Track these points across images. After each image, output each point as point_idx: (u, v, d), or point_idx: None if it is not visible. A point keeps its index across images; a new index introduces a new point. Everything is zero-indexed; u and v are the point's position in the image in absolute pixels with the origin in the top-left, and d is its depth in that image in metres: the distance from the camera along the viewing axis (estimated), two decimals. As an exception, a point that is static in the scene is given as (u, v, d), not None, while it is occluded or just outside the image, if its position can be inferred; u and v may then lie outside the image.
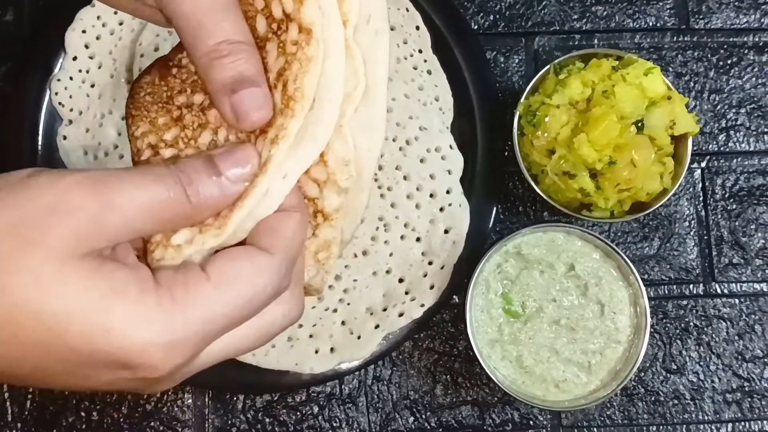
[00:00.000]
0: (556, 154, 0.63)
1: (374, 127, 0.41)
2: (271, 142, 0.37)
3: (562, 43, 0.74)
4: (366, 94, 0.40)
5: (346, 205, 0.41)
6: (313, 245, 0.41)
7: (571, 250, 0.65)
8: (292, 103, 0.37)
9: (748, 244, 0.71)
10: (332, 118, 0.39)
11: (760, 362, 0.70)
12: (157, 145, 0.40)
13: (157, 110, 0.41)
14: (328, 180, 0.40)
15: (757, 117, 0.74)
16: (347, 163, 0.40)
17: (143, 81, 0.43)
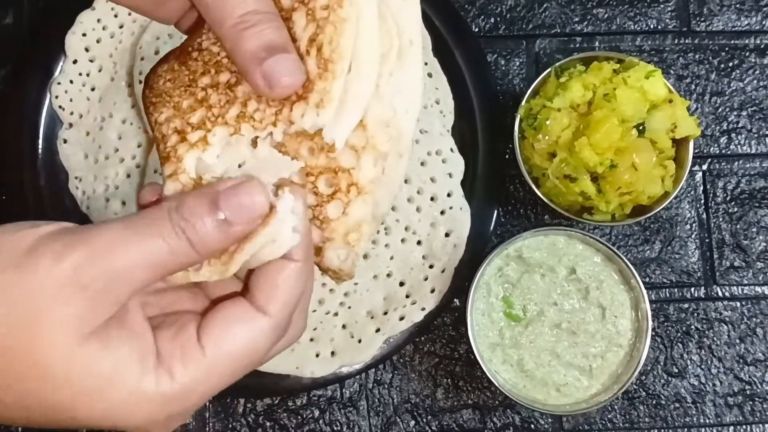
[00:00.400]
0: (557, 158, 0.63)
1: (411, 88, 0.40)
2: (316, 107, 0.37)
3: (563, 46, 0.74)
4: (400, 55, 0.40)
5: (384, 174, 0.40)
6: (343, 226, 0.39)
7: (572, 253, 0.65)
8: (330, 65, 0.37)
9: (749, 247, 0.71)
10: (372, 77, 0.38)
11: (762, 365, 0.70)
12: (183, 129, 0.40)
13: (180, 94, 0.41)
14: (367, 145, 0.39)
15: (759, 119, 0.73)
16: (388, 124, 0.39)
17: (161, 69, 0.43)
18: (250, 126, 0.39)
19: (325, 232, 0.39)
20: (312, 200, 0.39)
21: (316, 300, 0.66)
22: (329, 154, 0.38)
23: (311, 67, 0.38)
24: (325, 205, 0.39)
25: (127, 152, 0.67)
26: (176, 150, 0.40)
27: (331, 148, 0.38)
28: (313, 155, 0.39)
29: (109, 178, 0.67)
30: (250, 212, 0.37)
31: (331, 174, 0.39)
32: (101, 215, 0.67)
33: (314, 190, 0.39)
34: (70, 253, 0.34)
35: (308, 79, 0.38)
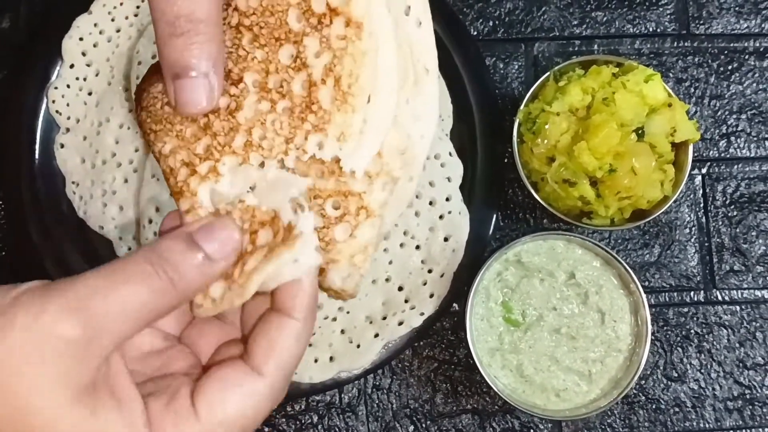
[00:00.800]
0: (556, 162, 0.63)
1: (427, 114, 0.41)
2: (337, 140, 0.37)
3: (562, 49, 0.74)
4: (416, 82, 0.40)
5: (394, 194, 0.40)
6: (349, 248, 0.39)
7: (571, 258, 0.65)
8: (350, 98, 0.37)
9: (749, 251, 0.71)
10: (391, 108, 0.38)
11: (762, 369, 0.70)
12: (191, 161, 0.39)
13: (181, 121, 0.40)
14: (381, 171, 0.39)
15: (758, 123, 0.73)
16: (403, 152, 0.39)
17: (155, 90, 0.41)
18: (258, 155, 0.38)
19: (330, 254, 0.38)
20: (318, 222, 0.38)
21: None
22: (339, 178, 0.38)
23: (325, 97, 0.38)
24: (332, 227, 0.39)
25: (124, 157, 0.67)
26: (188, 184, 0.39)
27: (341, 173, 0.38)
28: (323, 177, 0.39)
29: (106, 183, 0.66)
30: (229, 247, 0.37)
31: (340, 197, 0.38)
32: (98, 220, 0.67)
33: (321, 212, 0.39)
34: (47, 308, 0.33)
35: (323, 108, 0.38)
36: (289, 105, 0.38)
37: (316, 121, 0.38)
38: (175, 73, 0.37)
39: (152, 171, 0.65)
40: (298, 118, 0.38)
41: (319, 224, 0.38)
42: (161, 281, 0.35)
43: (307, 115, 0.38)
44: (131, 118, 0.67)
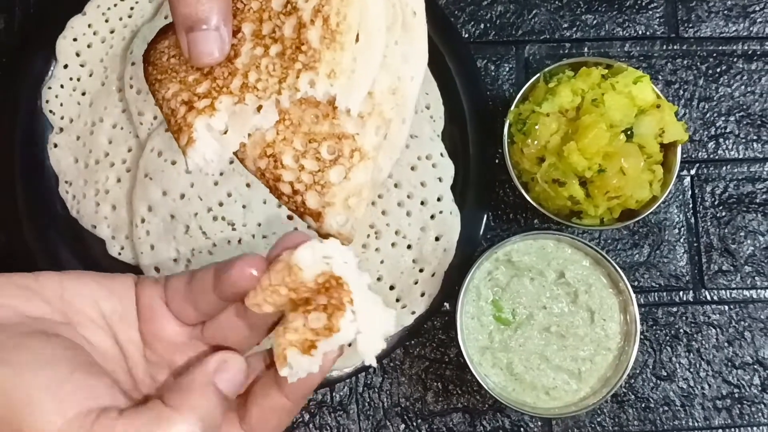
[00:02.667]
0: (545, 162, 0.63)
1: (417, 56, 0.42)
2: (328, 77, 0.39)
3: (553, 52, 0.74)
4: (405, 25, 0.41)
5: (387, 138, 0.41)
6: (344, 191, 0.40)
7: (561, 257, 0.65)
8: (338, 36, 0.39)
9: (737, 251, 0.72)
10: (380, 47, 0.40)
11: (750, 369, 0.70)
12: (190, 100, 0.41)
13: (186, 69, 0.42)
14: (373, 112, 0.40)
15: (746, 125, 0.74)
16: (394, 92, 0.41)
17: (162, 46, 0.43)
18: (253, 96, 0.40)
19: (325, 197, 0.40)
20: (314, 166, 0.40)
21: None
22: (334, 121, 0.40)
23: (314, 37, 0.39)
24: (327, 170, 0.40)
25: (117, 156, 0.67)
26: (186, 119, 0.41)
27: (335, 115, 0.40)
28: (317, 122, 0.40)
29: (99, 183, 0.67)
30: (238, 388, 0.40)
31: (334, 140, 0.40)
32: (91, 219, 0.67)
33: (316, 156, 0.40)
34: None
35: (312, 48, 0.39)
36: (281, 49, 0.40)
37: (307, 60, 0.39)
38: (189, 27, 0.39)
39: (145, 171, 0.66)
40: (290, 58, 0.40)
41: (314, 168, 0.40)
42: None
43: (297, 56, 0.40)
44: (125, 118, 0.68)
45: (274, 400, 0.40)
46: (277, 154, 0.41)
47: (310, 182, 0.40)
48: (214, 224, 0.66)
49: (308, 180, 0.40)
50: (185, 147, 0.41)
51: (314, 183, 0.40)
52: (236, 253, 0.65)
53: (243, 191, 0.66)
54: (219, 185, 0.66)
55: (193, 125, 0.41)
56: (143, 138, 0.67)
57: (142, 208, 0.66)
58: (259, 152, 0.41)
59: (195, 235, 0.65)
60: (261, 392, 0.41)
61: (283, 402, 0.40)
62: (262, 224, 0.66)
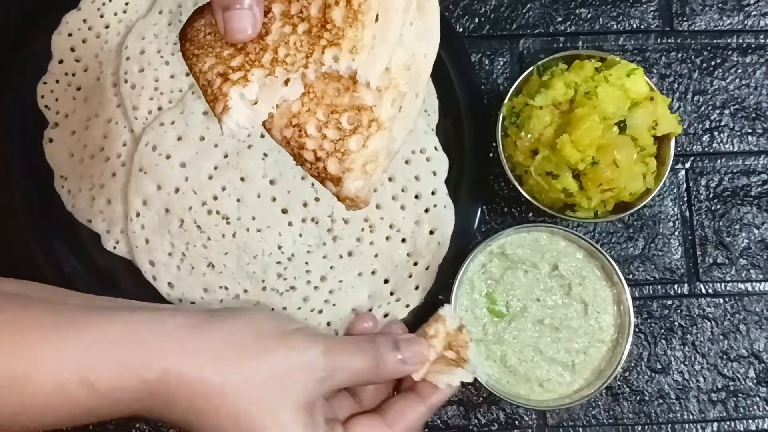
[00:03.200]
0: (539, 155, 0.64)
1: (429, 35, 0.46)
2: (350, 52, 0.43)
3: (547, 46, 0.75)
4: (419, 7, 0.46)
5: (402, 110, 0.46)
6: (362, 157, 0.44)
7: (555, 250, 0.65)
8: (360, 15, 0.43)
9: (732, 244, 0.72)
10: (397, 26, 0.44)
11: (745, 361, 0.70)
12: (225, 72, 0.45)
13: (221, 46, 0.46)
14: (390, 86, 0.44)
15: (741, 118, 0.74)
16: (408, 67, 0.45)
17: (198, 24, 0.48)
18: (283, 69, 0.44)
19: (345, 163, 0.44)
20: (335, 135, 0.45)
21: (302, 297, 0.67)
22: (354, 94, 0.44)
23: (338, 16, 0.44)
24: (347, 139, 0.44)
25: (112, 151, 0.67)
26: (221, 89, 0.45)
27: (355, 88, 0.44)
28: (339, 95, 0.45)
29: (94, 177, 0.67)
30: (418, 359, 0.55)
31: (354, 111, 0.44)
32: (86, 213, 0.67)
33: (338, 126, 0.45)
34: (314, 345, 0.50)
35: (336, 26, 0.44)
36: (308, 27, 0.45)
37: (331, 37, 0.44)
38: (225, 6, 0.44)
39: (139, 165, 0.66)
40: (316, 36, 0.44)
41: (336, 137, 0.44)
42: (372, 361, 0.52)
43: (323, 33, 0.44)
44: (120, 113, 0.68)
45: (417, 407, 0.54)
46: (301, 124, 0.45)
47: (331, 150, 0.45)
48: (209, 218, 0.66)
49: (330, 148, 0.45)
50: (221, 114, 0.45)
51: (335, 150, 0.44)
52: (231, 247, 0.66)
53: (237, 185, 0.66)
54: (213, 179, 0.66)
55: (228, 94, 0.45)
56: (138, 132, 0.67)
57: (136, 202, 0.66)
58: (286, 122, 0.45)
59: (189, 229, 0.66)
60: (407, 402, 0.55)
61: (423, 409, 0.55)
62: (256, 218, 0.66)
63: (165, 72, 0.68)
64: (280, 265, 0.66)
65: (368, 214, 0.67)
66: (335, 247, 0.67)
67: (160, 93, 0.67)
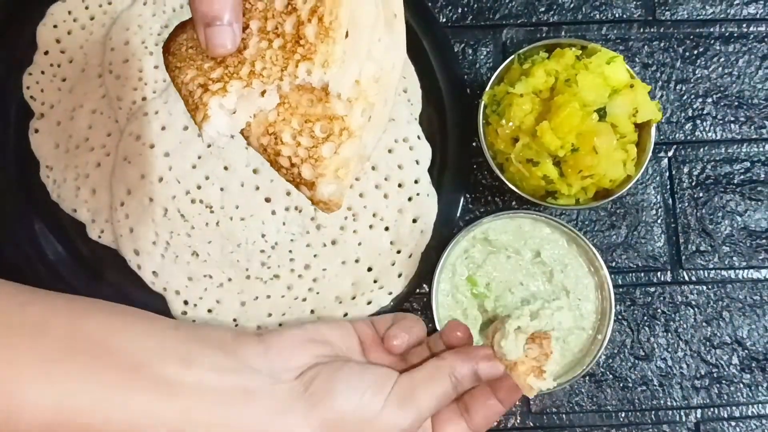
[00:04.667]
0: (519, 142, 0.64)
1: (397, 50, 0.49)
2: (322, 66, 0.46)
3: (530, 36, 0.75)
4: (387, 24, 0.48)
5: (372, 119, 0.48)
6: (334, 163, 0.46)
7: (538, 236, 0.66)
8: (331, 32, 0.46)
9: (715, 232, 0.72)
10: (366, 42, 0.47)
11: (728, 348, 0.71)
12: (206, 83, 0.48)
13: (202, 58, 0.48)
14: (359, 97, 0.47)
15: (724, 106, 0.74)
16: (377, 80, 0.48)
17: (180, 39, 0.50)
18: (259, 81, 0.47)
19: (318, 169, 0.46)
20: (309, 143, 0.47)
21: (285, 286, 0.67)
22: (326, 104, 0.47)
23: (311, 32, 0.46)
24: (320, 146, 0.47)
25: (97, 141, 0.68)
26: (202, 99, 0.47)
27: (327, 99, 0.47)
28: (312, 105, 0.47)
29: (79, 167, 0.68)
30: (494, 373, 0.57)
31: (326, 120, 0.47)
32: (71, 203, 0.68)
33: (311, 134, 0.47)
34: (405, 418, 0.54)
35: (309, 42, 0.46)
36: (283, 42, 0.47)
37: (304, 52, 0.46)
38: (206, 23, 0.46)
39: (123, 155, 0.66)
40: (290, 50, 0.47)
41: (309, 144, 0.47)
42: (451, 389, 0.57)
43: (296, 48, 0.47)
44: (104, 103, 0.68)
45: (495, 407, 0.59)
46: (277, 133, 0.47)
47: (305, 156, 0.47)
48: (192, 207, 0.66)
49: (304, 154, 0.47)
50: (201, 122, 0.47)
51: (309, 157, 0.47)
52: (215, 236, 0.66)
53: (220, 174, 0.67)
54: (197, 168, 0.66)
55: (208, 104, 0.47)
56: (122, 122, 0.68)
57: (120, 192, 0.66)
58: (263, 131, 0.48)
59: (173, 218, 0.66)
60: (483, 400, 0.59)
61: (500, 408, 0.59)
62: (239, 207, 0.67)
63: (149, 62, 0.68)
64: (264, 253, 0.67)
65: (351, 202, 0.68)
66: (319, 235, 0.68)
67: (144, 83, 0.68)
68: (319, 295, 0.67)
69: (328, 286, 0.67)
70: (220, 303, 0.67)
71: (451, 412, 0.59)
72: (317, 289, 0.67)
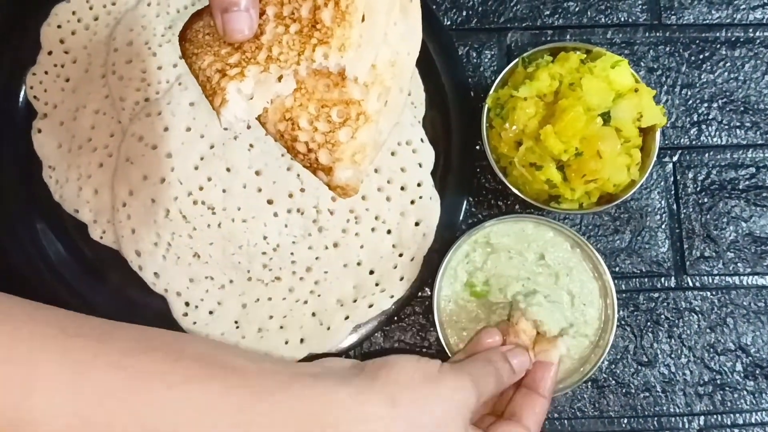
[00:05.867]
0: (523, 146, 0.64)
1: (413, 35, 0.49)
2: (338, 50, 0.46)
3: (535, 39, 0.75)
4: (403, 9, 0.49)
5: (388, 104, 0.48)
6: (351, 148, 0.47)
7: (541, 240, 0.65)
8: (347, 16, 0.46)
9: (719, 238, 0.72)
10: (382, 26, 0.47)
11: (732, 355, 0.70)
12: (223, 69, 0.48)
13: (219, 44, 0.49)
14: (375, 81, 0.47)
15: (729, 111, 0.74)
16: (393, 64, 0.48)
17: (197, 26, 0.51)
18: (276, 66, 0.47)
19: (335, 154, 0.47)
20: (326, 128, 0.47)
21: (287, 288, 0.67)
22: (343, 89, 0.47)
23: (327, 17, 0.47)
24: (337, 131, 0.47)
25: (100, 141, 0.68)
26: (220, 84, 0.48)
27: (343, 84, 0.47)
28: (329, 90, 0.47)
29: (81, 167, 0.67)
30: (525, 366, 0.60)
31: (343, 105, 0.47)
32: (74, 203, 0.68)
33: (328, 119, 0.47)
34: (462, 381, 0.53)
35: (326, 26, 0.47)
36: (299, 27, 0.47)
37: (321, 36, 0.47)
38: (224, 8, 0.47)
39: (126, 155, 0.66)
40: (306, 35, 0.47)
41: (326, 129, 0.47)
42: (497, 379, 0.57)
43: (313, 33, 0.47)
44: (107, 103, 0.68)
45: (537, 401, 0.59)
46: (294, 118, 0.47)
47: (322, 141, 0.47)
48: (194, 208, 0.66)
49: (320, 140, 0.47)
50: (219, 107, 0.48)
51: (326, 142, 0.47)
52: (216, 237, 0.66)
53: (223, 175, 0.67)
54: (199, 170, 0.66)
55: (225, 89, 0.47)
56: (125, 123, 0.67)
57: (123, 192, 0.66)
58: (279, 116, 0.48)
59: (175, 219, 0.66)
60: (527, 400, 0.59)
61: (543, 400, 0.59)
62: (241, 208, 0.66)
63: (152, 63, 0.68)
64: (266, 255, 0.67)
65: (354, 205, 0.68)
66: (321, 238, 0.67)
67: (148, 84, 0.68)
68: (320, 297, 0.67)
69: (329, 289, 0.67)
70: (222, 305, 0.67)
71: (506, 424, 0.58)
72: (318, 292, 0.67)
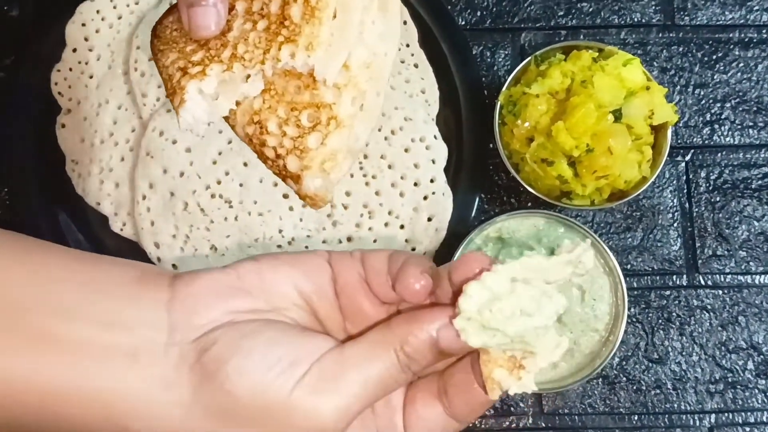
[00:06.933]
0: (534, 142, 0.64)
1: (391, 35, 0.46)
2: (306, 49, 0.43)
3: (549, 39, 0.76)
4: (382, 7, 0.45)
5: (363, 109, 0.45)
6: (320, 155, 0.44)
7: (552, 235, 0.66)
8: (317, 12, 0.43)
9: (731, 236, 0.72)
10: (355, 24, 0.44)
11: (744, 353, 0.70)
12: (185, 67, 0.45)
13: (185, 42, 0.47)
14: (349, 83, 0.44)
15: (742, 111, 0.74)
16: (369, 65, 0.45)
17: (167, 21, 0.48)
18: (240, 65, 0.44)
19: (303, 160, 0.44)
20: (295, 132, 0.44)
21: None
22: (314, 91, 0.44)
23: (296, 13, 0.43)
24: (306, 136, 0.44)
25: (121, 136, 0.70)
26: (180, 83, 0.45)
27: (315, 86, 0.43)
28: (299, 92, 0.44)
29: (103, 161, 0.69)
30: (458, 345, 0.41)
31: (313, 108, 0.44)
32: (95, 197, 0.69)
33: (297, 123, 0.44)
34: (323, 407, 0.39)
35: (294, 22, 0.43)
36: (267, 24, 0.44)
37: (288, 33, 0.43)
38: (190, 3, 0.44)
39: (146, 149, 0.68)
40: (274, 32, 0.44)
41: (295, 134, 0.44)
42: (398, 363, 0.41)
43: (280, 30, 0.44)
44: (129, 99, 0.70)
45: (477, 395, 0.43)
46: (263, 121, 0.45)
47: (290, 147, 0.44)
48: (212, 201, 0.68)
49: (289, 145, 0.44)
50: (177, 107, 0.45)
51: (294, 148, 0.44)
52: (233, 230, 0.67)
53: (240, 170, 0.68)
54: (217, 164, 0.68)
55: (185, 88, 0.45)
56: (146, 118, 0.69)
57: (143, 186, 0.68)
58: (248, 119, 0.45)
59: (193, 212, 0.68)
60: (464, 387, 0.44)
61: (484, 396, 0.43)
62: (257, 202, 0.68)
63: (173, 60, 0.70)
64: (281, 248, 0.68)
65: (367, 200, 0.69)
66: (335, 232, 0.68)
67: (168, 81, 0.70)
68: (334, 290, 0.68)
69: (343, 282, 0.68)
70: (237, 297, 0.68)
71: (426, 391, 0.45)
72: (332, 285, 0.68)
